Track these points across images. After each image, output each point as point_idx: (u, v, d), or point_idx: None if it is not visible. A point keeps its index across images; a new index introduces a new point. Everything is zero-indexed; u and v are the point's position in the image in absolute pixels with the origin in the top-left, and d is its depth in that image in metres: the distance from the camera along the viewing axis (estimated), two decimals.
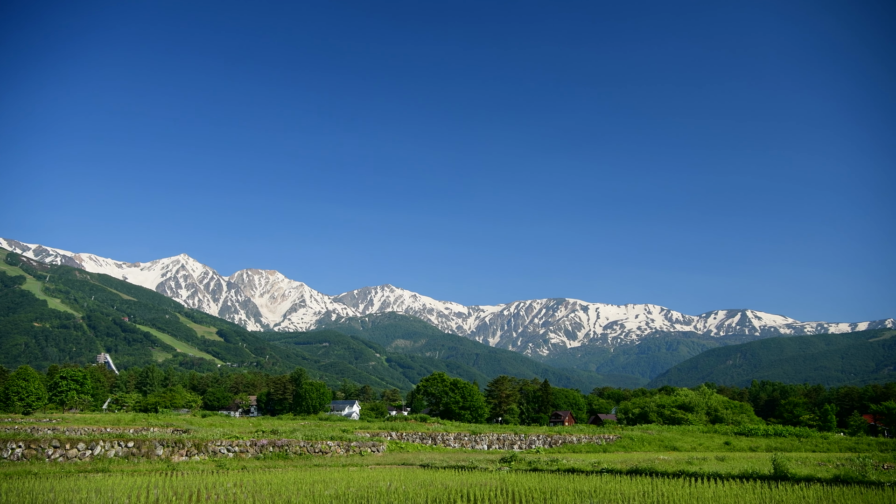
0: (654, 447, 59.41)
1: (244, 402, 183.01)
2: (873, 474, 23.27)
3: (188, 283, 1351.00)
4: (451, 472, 27.85)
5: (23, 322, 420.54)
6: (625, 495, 18.11)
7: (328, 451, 39.65)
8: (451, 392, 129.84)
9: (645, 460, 33.88)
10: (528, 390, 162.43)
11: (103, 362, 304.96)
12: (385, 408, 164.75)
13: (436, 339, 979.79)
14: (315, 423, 68.28)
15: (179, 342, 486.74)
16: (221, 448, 35.45)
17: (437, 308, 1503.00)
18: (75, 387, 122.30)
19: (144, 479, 23.40)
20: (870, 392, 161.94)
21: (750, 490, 19.52)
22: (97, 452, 31.40)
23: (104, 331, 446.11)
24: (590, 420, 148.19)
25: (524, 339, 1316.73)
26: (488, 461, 35.39)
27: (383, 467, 32.10)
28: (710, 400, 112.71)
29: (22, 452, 29.42)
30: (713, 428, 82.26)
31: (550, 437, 60.27)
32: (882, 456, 39.96)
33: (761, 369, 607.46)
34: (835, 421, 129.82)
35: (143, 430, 49.63)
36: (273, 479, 22.93)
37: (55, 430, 45.61)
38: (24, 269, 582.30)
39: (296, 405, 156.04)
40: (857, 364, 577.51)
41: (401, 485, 21.03)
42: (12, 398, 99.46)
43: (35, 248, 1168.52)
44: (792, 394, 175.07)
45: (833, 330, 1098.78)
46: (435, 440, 54.72)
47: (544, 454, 43.18)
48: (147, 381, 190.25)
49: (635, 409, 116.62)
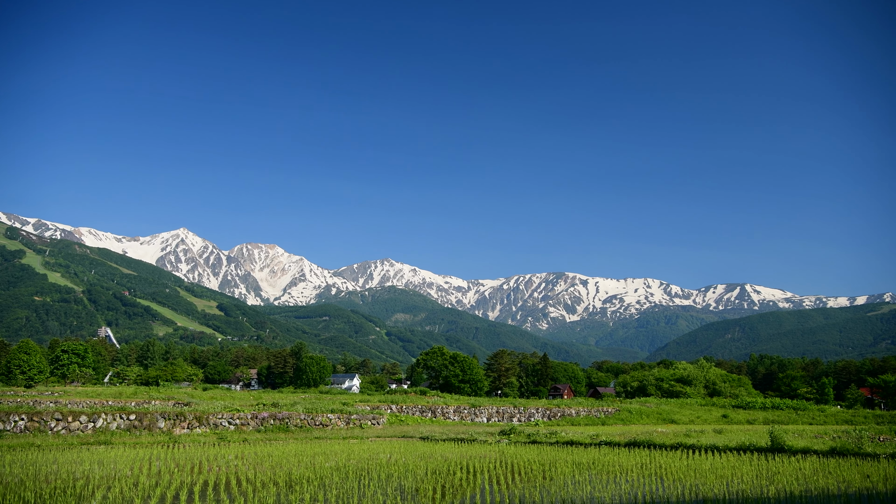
0: (653, 420, 59.80)
1: (245, 376, 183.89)
2: (869, 446, 23.44)
3: (188, 257, 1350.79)
4: (451, 445, 28.07)
5: (23, 296, 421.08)
6: (623, 467, 18.26)
7: (329, 423, 39.90)
8: (451, 366, 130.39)
9: (643, 433, 34.13)
10: (528, 364, 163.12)
11: (104, 336, 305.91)
12: (385, 381, 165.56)
13: (435, 312, 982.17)
14: (315, 397, 68.64)
15: (180, 316, 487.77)
16: (223, 421, 35.67)
17: (437, 282, 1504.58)
18: (76, 360, 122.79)
19: (147, 451, 23.59)
20: (867, 365, 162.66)
21: (747, 462, 19.69)
22: (99, 425, 31.60)
23: (105, 305, 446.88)
24: (588, 393, 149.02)
25: (524, 313, 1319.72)
26: (487, 434, 35.64)
27: (383, 440, 32.35)
28: (708, 373, 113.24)
29: (25, 425, 29.60)
30: (711, 401, 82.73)
31: (549, 410, 60.63)
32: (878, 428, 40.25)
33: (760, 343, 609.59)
34: (832, 394, 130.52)
35: (144, 403, 49.91)
36: (274, 452, 23.11)
37: (57, 403, 45.85)
38: (23, 243, 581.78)
39: (296, 378, 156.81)
40: (855, 338, 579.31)
41: (401, 457, 21.20)
42: (14, 371, 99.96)
43: (34, 223, 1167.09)
44: (790, 367, 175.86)
45: (832, 304, 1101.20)
46: (434, 413, 55.06)
47: (543, 427, 43.47)
48: (148, 355, 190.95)
49: (634, 382, 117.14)
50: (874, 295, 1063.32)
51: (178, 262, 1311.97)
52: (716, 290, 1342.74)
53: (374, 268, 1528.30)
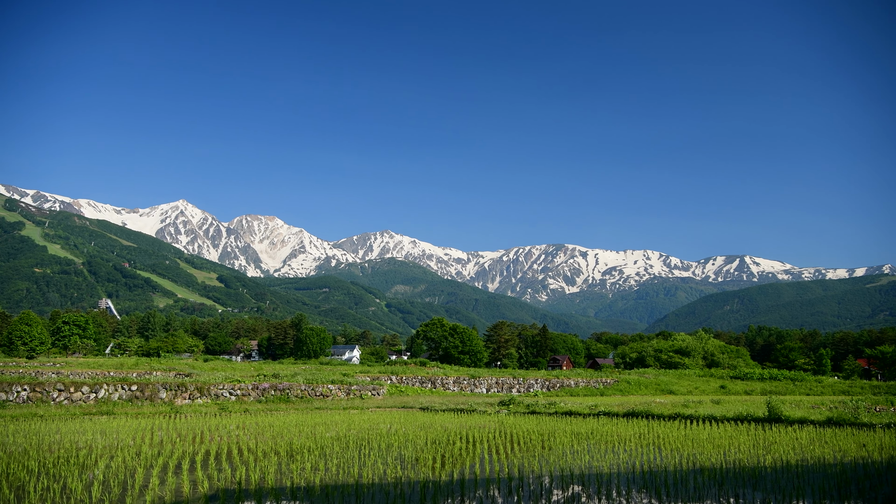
0: (651, 391, 60.14)
1: (245, 347, 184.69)
2: (865, 416, 23.62)
3: (187, 228, 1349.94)
4: (451, 415, 28.27)
5: (23, 268, 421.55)
6: (621, 437, 18.42)
7: (329, 394, 40.16)
8: (451, 337, 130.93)
9: (641, 403, 34.37)
10: (527, 335, 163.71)
11: (105, 307, 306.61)
12: (385, 352, 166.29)
13: (435, 284, 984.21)
14: (316, 368, 68.97)
15: (180, 288, 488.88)
16: (224, 391, 35.90)
17: (437, 254, 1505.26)
18: (78, 332, 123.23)
19: (148, 421, 23.77)
20: (865, 337, 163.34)
21: (744, 431, 19.85)
22: (101, 395, 31.80)
23: (105, 276, 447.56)
24: (588, 364, 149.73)
25: (523, 285, 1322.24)
26: (487, 404, 35.88)
27: (383, 410, 32.57)
28: (706, 345, 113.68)
29: (27, 395, 29.79)
30: (709, 372, 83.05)
31: (548, 380, 60.97)
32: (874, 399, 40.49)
33: (758, 315, 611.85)
34: (829, 365, 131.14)
35: (146, 373, 50.17)
36: (275, 422, 23.29)
37: (59, 374, 46.11)
38: (22, 214, 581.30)
39: (296, 350, 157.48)
40: (854, 309, 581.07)
41: (401, 427, 21.37)
42: (16, 343, 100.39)
43: (33, 194, 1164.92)
44: (788, 339, 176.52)
45: (831, 276, 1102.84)
46: (434, 384, 55.37)
47: (542, 397, 43.75)
48: (149, 326, 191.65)
49: (633, 353, 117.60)
50: (873, 267, 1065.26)
51: (178, 234, 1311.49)
52: (715, 262, 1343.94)
53: (373, 239, 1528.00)
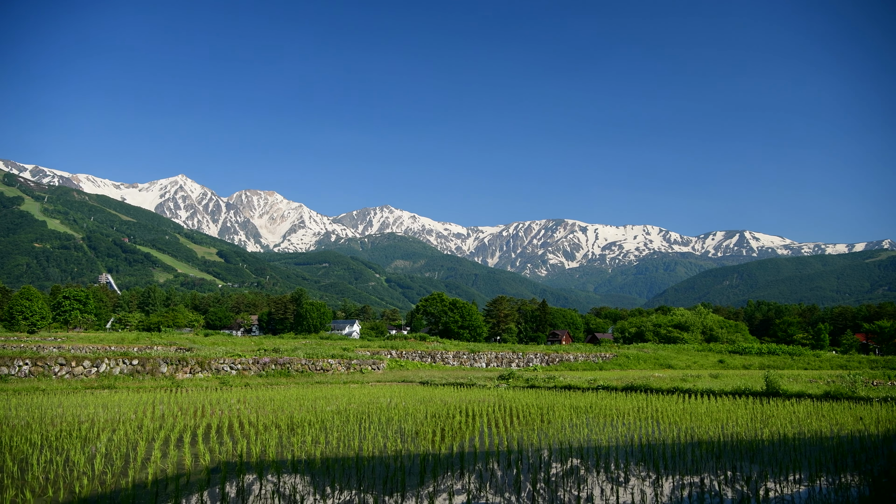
0: (650, 365, 60.42)
1: (246, 322, 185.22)
2: (862, 390, 23.73)
3: (187, 203, 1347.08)
4: (450, 389, 28.42)
5: (23, 243, 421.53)
6: (620, 411, 18.52)
7: (329, 368, 40.34)
8: (450, 312, 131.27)
9: (640, 378, 34.53)
10: (527, 310, 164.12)
11: (105, 282, 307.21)
12: (385, 327, 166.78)
13: (435, 259, 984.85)
14: (316, 342, 69.22)
15: (180, 263, 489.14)
16: (224, 366, 36.05)
17: (437, 229, 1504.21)
18: (78, 306, 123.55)
19: (150, 395, 23.89)
20: (863, 311, 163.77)
21: (742, 406, 19.96)
22: (102, 370, 31.94)
23: (105, 251, 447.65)
24: (587, 339, 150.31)
25: (523, 260, 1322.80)
26: (486, 378, 36.05)
27: (384, 384, 32.74)
28: (705, 319, 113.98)
29: (29, 370, 29.92)
30: (708, 347, 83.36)
31: (548, 355, 61.23)
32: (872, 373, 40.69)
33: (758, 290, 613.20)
34: (827, 340, 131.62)
35: (146, 348, 50.36)
36: (276, 396, 23.41)
37: (60, 349, 46.26)
38: (21, 189, 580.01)
39: (297, 325, 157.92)
40: (853, 284, 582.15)
41: (401, 401, 21.48)
42: (17, 317, 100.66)
43: (32, 169, 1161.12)
44: (787, 313, 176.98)
45: (830, 251, 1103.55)
46: (434, 358, 55.61)
47: (541, 372, 43.97)
48: (149, 301, 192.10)
49: (632, 328, 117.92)
50: (872, 242, 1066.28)
51: (177, 209, 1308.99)
52: (715, 237, 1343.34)
53: (373, 214, 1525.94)
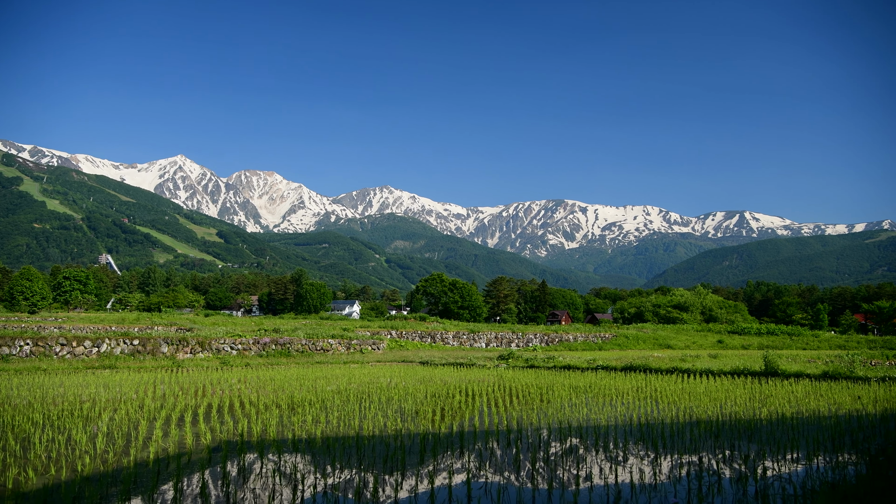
0: (649, 345, 60.59)
1: (246, 302, 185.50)
2: (861, 370, 23.82)
3: (186, 184, 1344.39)
4: (450, 369, 28.52)
5: (23, 223, 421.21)
6: (619, 391, 18.60)
7: (329, 348, 40.46)
8: (450, 292, 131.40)
9: (639, 358, 34.65)
10: (526, 290, 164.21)
11: (105, 263, 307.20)
12: (385, 307, 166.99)
13: (435, 240, 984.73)
14: (316, 322, 69.33)
15: (180, 243, 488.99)
16: (225, 346, 36.16)
17: (436, 209, 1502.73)
18: (79, 287, 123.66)
19: (151, 375, 23.98)
20: (863, 292, 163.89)
21: (741, 385, 20.04)
22: (103, 350, 32.04)
23: (104, 232, 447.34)
24: (586, 319, 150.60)
25: (523, 241, 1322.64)
26: (486, 358, 36.17)
27: (384, 364, 32.86)
28: (705, 300, 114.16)
29: (30, 350, 30.01)
30: (707, 327, 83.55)
31: (547, 335, 61.39)
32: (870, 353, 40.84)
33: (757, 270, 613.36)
34: (826, 320, 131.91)
35: (147, 328, 50.45)
36: (276, 376, 23.49)
37: (61, 329, 46.37)
38: (20, 169, 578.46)
39: (297, 305, 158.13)
40: (852, 265, 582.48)
41: (401, 381, 21.56)
42: (17, 298, 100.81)
43: (30, 149, 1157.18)
44: (786, 294, 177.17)
45: (830, 231, 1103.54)
46: (434, 338, 55.75)
47: (541, 352, 44.11)
48: (149, 282, 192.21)
49: (631, 308, 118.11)
50: (873, 222, 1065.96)
51: (177, 190, 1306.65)
52: (715, 218, 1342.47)
53: (373, 195, 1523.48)
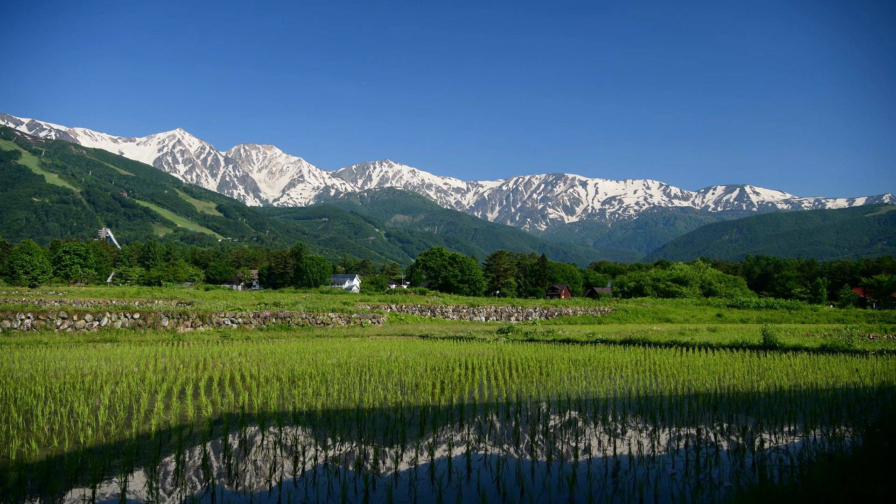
0: (648, 319, 60.76)
1: (246, 276, 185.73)
2: (859, 344, 23.92)
3: (185, 158, 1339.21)
4: (450, 343, 28.64)
5: (22, 197, 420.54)
6: (618, 364, 18.68)
7: (330, 322, 40.58)
8: (450, 266, 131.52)
9: (638, 331, 34.77)
10: (526, 264, 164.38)
11: (105, 237, 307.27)
12: (385, 281, 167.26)
13: (434, 214, 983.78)
14: (316, 296, 69.45)
15: (179, 217, 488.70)
16: (225, 319, 36.26)
17: (436, 183, 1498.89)
18: (79, 261, 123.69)
19: (152, 348, 24.08)
20: (862, 266, 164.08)
21: (739, 359, 20.13)
22: (104, 323, 32.13)
23: (104, 206, 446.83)
24: (586, 293, 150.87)
25: (522, 215, 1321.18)
26: (486, 332, 36.29)
27: (384, 338, 32.98)
28: (704, 274, 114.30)
29: (31, 323, 30.10)
30: (706, 301, 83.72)
31: (547, 309, 61.54)
32: (868, 327, 40.99)
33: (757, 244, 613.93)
34: (825, 294, 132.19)
35: (148, 302, 50.52)
36: (276, 349, 23.59)
37: (62, 303, 46.42)
38: (18, 143, 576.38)
39: (297, 279, 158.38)
40: (852, 239, 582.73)
41: (401, 354, 21.65)
42: (17, 272, 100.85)
43: (28, 123, 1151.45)
44: (785, 268, 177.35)
45: (830, 205, 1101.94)
46: (434, 312, 55.89)
47: (541, 325, 44.24)
48: (149, 256, 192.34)
49: (631, 282, 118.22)
50: (873, 196, 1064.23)
51: (176, 164, 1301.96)
52: (715, 192, 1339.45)
53: (372, 169, 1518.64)
